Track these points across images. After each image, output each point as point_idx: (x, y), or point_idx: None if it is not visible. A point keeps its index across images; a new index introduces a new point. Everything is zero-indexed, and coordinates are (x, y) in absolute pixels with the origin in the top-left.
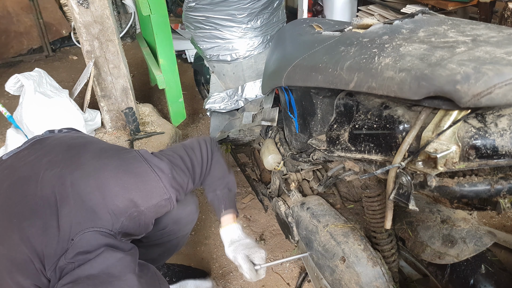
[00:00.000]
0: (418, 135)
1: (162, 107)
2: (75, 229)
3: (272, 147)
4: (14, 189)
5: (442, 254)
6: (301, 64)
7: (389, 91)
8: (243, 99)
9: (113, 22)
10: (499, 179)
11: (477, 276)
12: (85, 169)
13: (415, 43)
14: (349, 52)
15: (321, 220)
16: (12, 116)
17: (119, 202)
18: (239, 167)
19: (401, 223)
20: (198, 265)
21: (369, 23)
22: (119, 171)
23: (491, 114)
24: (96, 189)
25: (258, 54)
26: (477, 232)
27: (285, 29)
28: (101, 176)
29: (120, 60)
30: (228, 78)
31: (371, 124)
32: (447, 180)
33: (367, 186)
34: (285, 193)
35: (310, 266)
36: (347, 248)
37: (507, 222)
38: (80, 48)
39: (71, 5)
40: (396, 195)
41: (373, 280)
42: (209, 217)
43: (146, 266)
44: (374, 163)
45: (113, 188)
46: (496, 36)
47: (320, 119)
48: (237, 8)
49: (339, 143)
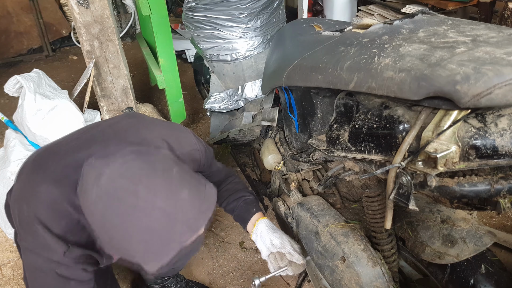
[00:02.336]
0: (418, 135)
1: (162, 107)
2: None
3: (272, 147)
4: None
5: (442, 254)
6: (301, 64)
7: (389, 92)
8: (243, 99)
9: (113, 22)
10: (499, 179)
11: (477, 276)
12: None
13: (415, 43)
14: (349, 52)
15: (321, 220)
16: (13, 117)
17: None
18: (239, 167)
19: (401, 223)
20: (198, 264)
21: (369, 23)
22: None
23: (491, 114)
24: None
25: (258, 54)
26: (477, 232)
27: (285, 29)
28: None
29: (120, 60)
30: (228, 78)
31: (371, 124)
32: (447, 180)
33: (367, 186)
34: (285, 193)
35: (309, 266)
36: (347, 248)
37: (507, 222)
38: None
39: (71, 5)
40: (396, 195)
41: (373, 280)
42: None
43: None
44: (374, 163)
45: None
46: (496, 36)
47: (320, 119)
48: (237, 8)
49: (339, 143)
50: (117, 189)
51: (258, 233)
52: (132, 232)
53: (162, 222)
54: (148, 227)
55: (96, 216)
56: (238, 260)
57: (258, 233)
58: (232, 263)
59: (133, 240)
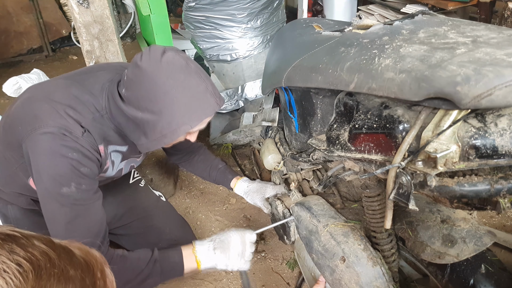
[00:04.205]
0: (418, 135)
1: None
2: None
3: (272, 147)
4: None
5: (442, 254)
6: (301, 64)
7: (389, 92)
8: (243, 99)
9: (113, 22)
10: (499, 179)
11: (477, 276)
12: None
13: (415, 44)
14: (349, 53)
15: (321, 220)
16: None
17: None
18: (239, 167)
19: (401, 223)
20: None
21: (369, 23)
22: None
23: (491, 114)
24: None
25: (258, 54)
26: (477, 232)
27: (285, 29)
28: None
29: (120, 60)
30: (228, 78)
31: (371, 124)
32: (447, 180)
33: (367, 186)
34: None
35: (306, 266)
36: (347, 248)
37: (507, 222)
38: (80, 48)
39: (71, 5)
40: (396, 195)
41: (373, 280)
42: (208, 217)
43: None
44: (374, 163)
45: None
46: (496, 37)
47: (320, 119)
48: (237, 8)
49: (339, 143)
50: (180, 60)
51: (244, 190)
52: (185, 93)
53: (204, 92)
54: (196, 92)
55: (160, 78)
56: None
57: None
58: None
59: (182, 101)
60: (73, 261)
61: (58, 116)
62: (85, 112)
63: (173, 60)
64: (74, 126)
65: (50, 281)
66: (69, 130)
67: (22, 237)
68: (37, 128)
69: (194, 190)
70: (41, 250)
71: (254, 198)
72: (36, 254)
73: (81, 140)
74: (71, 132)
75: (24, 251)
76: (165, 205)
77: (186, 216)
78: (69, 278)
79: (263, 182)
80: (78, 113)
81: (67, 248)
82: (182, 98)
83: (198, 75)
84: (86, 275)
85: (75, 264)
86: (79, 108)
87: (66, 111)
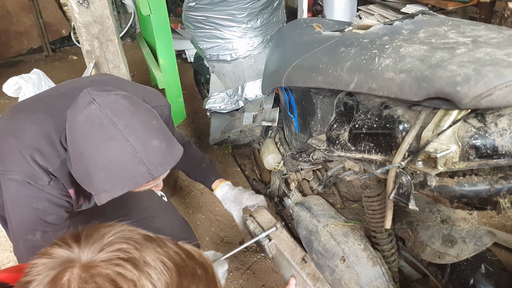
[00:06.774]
0: (418, 135)
1: None
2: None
3: (272, 147)
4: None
5: (442, 254)
6: (301, 64)
7: (390, 92)
8: (243, 99)
9: (113, 22)
10: (499, 179)
11: (477, 276)
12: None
13: (415, 44)
14: (349, 53)
15: (321, 220)
16: None
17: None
18: (239, 167)
19: (401, 223)
20: None
21: (369, 23)
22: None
23: (491, 114)
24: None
25: (258, 54)
26: (477, 232)
27: (285, 29)
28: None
29: (120, 60)
30: (228, 78)
31: (371, 124)
32: (447, 180)
33: (367, 186)
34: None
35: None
36: (347, 248)
37: (507, 222)
38: (80, 48)
39: (71, 5)
40: (396, 195)
41: (373, 280)
42: (208, 217)
43: None
44: (374, 163)
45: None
46: (496, 37)
47: (320, 119)
48: (237, 8)
49: (339, 143)
50: (102, 117)
51: (222, 196)
52: (101, 157)
53: (128, 158)
54: (115, 158)
55: (76, 136)
56: (238, 260)
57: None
58: (232, 263)
59: (99, 166)
60: (197, 262)
61: (24, 162)
62: (54, 155)
63: (92, 117)
64: (41, 173)
65: (187, 278)
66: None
67: (157, 238)
68: (4, 171)
69: (194, 190)
70: (174, 250)
71: (230, 207)
72: (172, 254)
73: (48, 188)
74: (36, 181)
75: (163, 250)
76: (167, 205)
77: (186, 216)
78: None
79: (243, 190)
80: (45, 158)
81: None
82: (99, 163)
83: (124, 138)
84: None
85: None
86: (47, 151)
87: (33, 157)
